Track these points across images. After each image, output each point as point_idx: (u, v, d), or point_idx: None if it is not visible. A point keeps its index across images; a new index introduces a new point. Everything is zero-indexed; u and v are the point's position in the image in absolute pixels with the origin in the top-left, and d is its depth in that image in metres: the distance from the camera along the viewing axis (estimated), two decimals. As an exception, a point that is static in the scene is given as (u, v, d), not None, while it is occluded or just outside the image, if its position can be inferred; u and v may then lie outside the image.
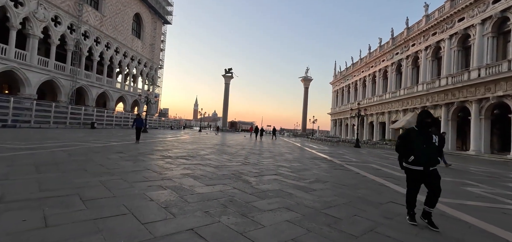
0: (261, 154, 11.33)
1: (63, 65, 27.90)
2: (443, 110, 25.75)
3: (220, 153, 10.50)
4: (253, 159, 9.22)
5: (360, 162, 11.13)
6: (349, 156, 13.71)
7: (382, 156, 15.76)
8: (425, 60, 29.38)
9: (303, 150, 16.53)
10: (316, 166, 8.57)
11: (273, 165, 8.01)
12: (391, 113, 35.32)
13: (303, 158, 11.18)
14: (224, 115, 58.86)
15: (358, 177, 6.95)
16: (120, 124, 31.48)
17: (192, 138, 21.12)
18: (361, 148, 23.22)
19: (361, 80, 46.44)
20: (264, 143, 21.09)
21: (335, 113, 58.19)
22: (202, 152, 10.54)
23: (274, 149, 15.47)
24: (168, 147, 11.93)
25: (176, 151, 10.34)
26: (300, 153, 13.60)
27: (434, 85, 26.91)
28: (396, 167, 9.35)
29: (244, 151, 12.58)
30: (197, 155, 9.31)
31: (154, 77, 47.73)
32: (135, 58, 40.93)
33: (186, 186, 4.55)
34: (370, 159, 12.99)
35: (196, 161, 7.78)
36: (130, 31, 39.08)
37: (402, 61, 33.92)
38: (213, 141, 19.59)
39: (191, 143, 15.64)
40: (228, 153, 10.95)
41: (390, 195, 5.03)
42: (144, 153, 8.86)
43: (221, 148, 13.47)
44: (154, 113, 48.04)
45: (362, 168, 9.00)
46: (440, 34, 27.00)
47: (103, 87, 33.93)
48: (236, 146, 15.37)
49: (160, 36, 48.85)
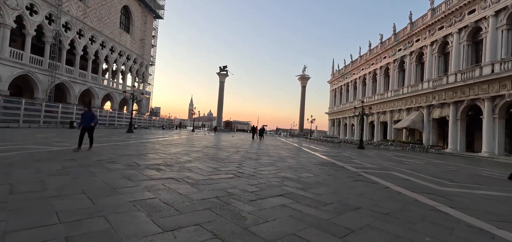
0: (259, 160, 9.36)
1: (41, 58, 25.45)
2: (451, 109, 24.16)
3: (207, 159, 8.50)
4: (249, 167, 7.25)
5: (377, 167, 9.26)
6: (359, 160, 11.85)
7: (394, 159, 13.94)
8: (431, 56, 27.80)
9: (304, 152, 14.61)
10: (330, 177, 6.64)
11: (275, 177, 6.05)
12: (393, 112, 33.72)
13: (309, 163, 9.25)
14: (219, 115, 56.72)
15: (393, 195, 5.03)
16: (104, 123, 29.13)
17: (181, 139, 19.04)
18: (365, 149, 21.44)
19: (361, 78, 44.84)
20: (262, 145, 19.15)
21: (333, 113, 56.58)
22: (185, 157, 8.52)
23: (273, 151, 13.52)
24: (146, 150, 9.86)
25: (153, 156, 8.29)
26: (304, 157, 11.68)
27: (441, 82, 25.30)
28: (425, 177, 7.49)
29: (238, 154, 10.59)
30: (176, 162, 7.29)
31: (144, 74, 45.33)
32: (124, 54, 38.52)
33: (122, 234, 2.53)
34: (385, 163, 11.14)
35: (171, 172, 5.76)
36: (117, 24, 36.67)
37: (405, 58, 32.34)
38: (203, 142, 17.54)
39: (176, 145, 13.58)
40: (217, 158, 8.94)
41: (466, 231, 3.10)
42: (106, 159, 6.81)
43: (211, 151, 11.46)
44: (144, 112, 45.70)
45: (385, 177, 7.11)
46: (448, 28, 25.41)
47: (87, 84, 31.50)
48: (230, 148, 13.38)
49: (151, 31, 46.47)
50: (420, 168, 10.31)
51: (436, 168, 11.12)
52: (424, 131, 27.53)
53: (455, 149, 23.53)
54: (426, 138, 27.20)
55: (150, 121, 43.74)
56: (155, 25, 47.83)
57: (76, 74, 29.75)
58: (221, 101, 55.79)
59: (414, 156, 17.71)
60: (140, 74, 43.98)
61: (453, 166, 12.59)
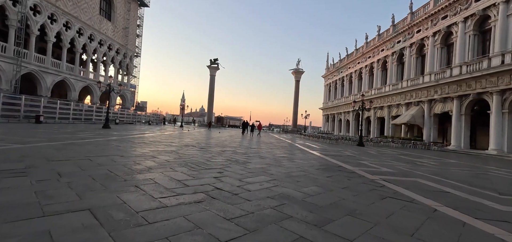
0: (247, 164, 7.33)
1: (4, 44, 22.52)
2: (454, 103, 22.74)
3: (177, 165, 6.41)
4: (232, 178, 5.21)
5: (394, 173, 7.40)
6: (367, 160, 10.00)
7: (402, 158, 12.19)
8: (433, 48, 26.29)
9: (302, 151, 12.69)
10: (347, 191, 4.68)
11: (269, 197, 4.03)
12: (391, 107, 32.30)
13: (311, 167, 7.30)
14: (209, 110, 54.35)
15: (455, 226, 3.09)
16: (80, 118, 26.43)
17: (161, 136, 16.84)
18: (365, 147, 19.75)
19: (357, 72, 43.31)
20: (253, 142, 17.15)
21: (328, 108, 55.08)
22: (147, 162, 6.40)
23: (265, 151, 11.53)
24: (104, 150, 7.66)
25: (103, 160, 6.13)
26: (302, 158, 9.73)
27: (444, 75, 23.84)
28: (461, 185, 5.60)
29: (223, 156, 8.54)
30: (127, 172, 5.18)
31: (128, 66, 42.39)
32: (105, 43, 35.55)
33: None
34: (398, 165, 9.33)
35: (104, 193, 3.66)
36: (97, 10, 33.64)
37: (405, 50, 30.81)
38: (186, 139, 15.39)
39: (150, 143, 11.41)
40: (193, 163, 6.87)
41: None
42: (22, 168, 4.63)
43: (189, 151, 9.36)
44: (129, 107, 42.89)
45: (416, 189, 5.20)
46: (452, 18, 23.87)
47: (62, 75, 28.60)
48: (214, 147, 11.30)
49: (136, 19, 43.45)
50: (442, 171, 8.53)
51: (459, 170, 9.39)
52: (425, 126, 26.14)
53: (459, 146, 22.17)
54: (427, 134, 25.81)
55: (134, 116, 41.00)
56: (140, 13, 44.76)
57: (48, 63, 26.83)
58: (212, 96, 53.38)
59: (420, 154, 16.09)
60: (123, 66, 41.03)
61: (471, 167, 10.93)
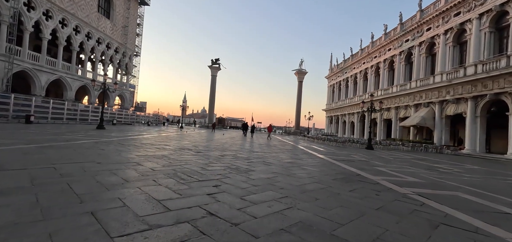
0: (250, 173, 6.18)
1: (-5, 41, 21.59)
2: (469, 104, 21.46)
3: (165, 175, 5.27)
4: (231, 196, 4.06)
5: (423, 183, 6.19)
6: (385, 167, 8.81)
7: (420, 164, 10.95)
8: (445, 46, 25.04)
9: (309, 155, 11.51)
10: (382, 212, 3.51)
11: (282, 229, 2.88)
12: (399, 108, 31.02)
13: (325, 176, 6.13)
14: (211, 111, 53.31)
15: None
16: (75, 118, 25.42)
17: (158, 138, 15.76)
18: (375, 150, 18.54)
19: (362, 72, 42.04)
20: (255, 145, 16.02)
21: (331, 110, 53.80)
22: (128, 174, 5.26)
23: (270, 155, 10.38)
24: (88, 156, 6.55)
25: (75, 173, 5.00)
26: (313, 164, 8.56)
27: (457, 74, 22.56)
28: (509, 200, 4.39)
29: (221, 163, 7.40)
30: (98, 190, 4.05)
31: (128, 65, 41.44)
32: (103, 41, 34.61)
33: None
34: (419, 172, 8.13)
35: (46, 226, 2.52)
36: (95, 8, 32.71)
37: (413, 49, 29.56)
38: (184, 141, 14.27)
39: (143, 146, 10.31)
40: (184, 172, 5.72)
41: None
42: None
43: (183, 157, 8.23)
44: (128, 107, 41.91)
45: (465, 209, 4.01)
46: (466, 14, 22.63)
47: (57, 73, 27.63)
48: (213, 151, 10.16)
49: (136, 18, 42.54)
50: (478, 182, 7.33)
51: (491, 179, 8.18)
52: (436, 129, 24.85)
53: (474, 150, 20.87)
54: (438, 137, 24.52)
55: (133, 117, 40.01)
56: (140, 12, 43.86)
57: (43, 61, 25.87)
58: (213, 97, 52.35)
59: (436, 159, 14.85)
60: (122, 65, 40.08)
61: (505, 175, 9.70)
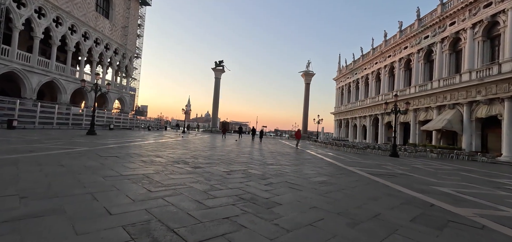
0: (274, 208, 3.93)
1: (-20, 39, 19.86)
2: (506, 105, 18.94)
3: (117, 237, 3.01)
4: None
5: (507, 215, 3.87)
6: (440, 184, 6.44)
7: (469, 177, 8.51)
8: (472, 42, 22.59)
9: (337, 168, 9.19)
10: None
11: None
12: (418, 111, 28.49)
13: (388, 209, 3.84)
14: (214, 114, 51.27)
15: None
16: (67, 123, 23.48)
17: (153, 144, 13.61)
18: (401, 158, 16.11)
19: (374, 73, 39.61)
20: (267, 154, 13.76)
21: (340, 113, 51.30)
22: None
23: (289, 169, 8.10)
24: (50, 178, 4.37)
25: None
26: (354, 183, 6.26)
27: (490, 72, 20.09)
28: None
29: (231, 182, 5.16)
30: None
31: (128, 67, 39.69)
32: (101, 42, 32.88)
33: None
34: (489, 190, 5.76)
35: None
36: (93, 6, 31.04)
37: (434, 46, 27.13)
38: (181, 150, 12.07)
39: (123, 158, 8.17)
40: (167, 214, 3.48)
41: None
42: None
43: (173, 178, 6.02)
44: (128, 111, 40.05)
45: None
46: (499, 5, 20.22)
47: (50, 75, 25.83)
48: (217, 163, 7.93)
49: (136, 18, 40.87)
50: None
51: None
52: (464, 133, 22.29)
53: (513, 157, 18.31)
54: (467, 142, 21.96)
55: (133, 121, 38.09)
56: (141, 12, 42.24)
57: (34, 62, 24.09)
58: (217, 100, 50.35)
59: (483, 170, 12.40)
60: (122, 67, 38.33)
61: None
